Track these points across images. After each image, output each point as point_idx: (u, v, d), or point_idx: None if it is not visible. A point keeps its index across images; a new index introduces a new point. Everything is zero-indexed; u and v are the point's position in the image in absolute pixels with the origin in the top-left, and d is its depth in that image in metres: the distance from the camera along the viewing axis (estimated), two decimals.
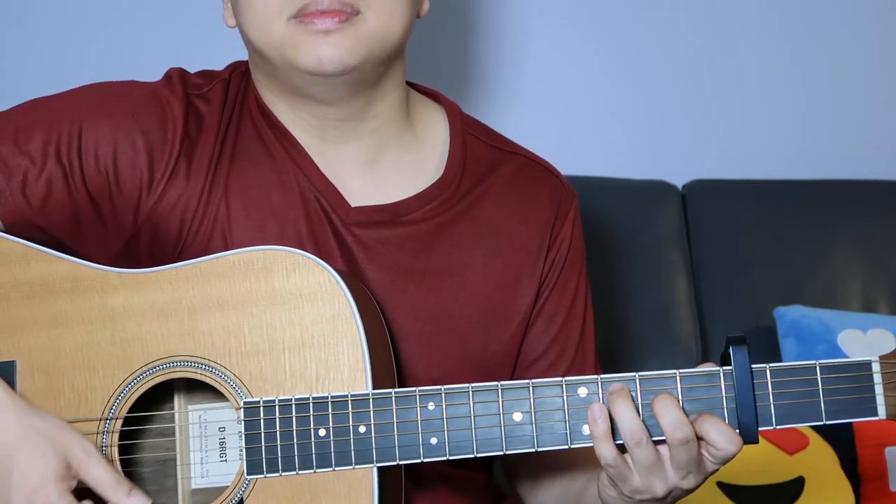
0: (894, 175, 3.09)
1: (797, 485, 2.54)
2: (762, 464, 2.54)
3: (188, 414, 1.82)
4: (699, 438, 1.63)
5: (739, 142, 3.11)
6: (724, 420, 1.63)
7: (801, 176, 3.04)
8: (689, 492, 1.69)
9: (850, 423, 2.55)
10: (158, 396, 1.81)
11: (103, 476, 1.64)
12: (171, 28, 2.91)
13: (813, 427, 2.61)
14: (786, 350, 2.71)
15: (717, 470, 1.67)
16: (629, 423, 1.62)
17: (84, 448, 1.65)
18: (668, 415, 1.61)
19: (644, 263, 2.86)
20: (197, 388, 1.80)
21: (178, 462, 1.81)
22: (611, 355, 2.72)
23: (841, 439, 2.60)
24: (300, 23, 1.80)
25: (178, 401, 1.83)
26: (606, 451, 1.63)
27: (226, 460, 1.80)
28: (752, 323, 2.79)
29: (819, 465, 2.57)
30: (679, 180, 2.99)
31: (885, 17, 3.14)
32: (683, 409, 1.62)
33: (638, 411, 1.63)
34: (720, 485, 2.51)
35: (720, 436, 1.62)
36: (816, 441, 2.60)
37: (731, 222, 2.93)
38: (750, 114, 3.11)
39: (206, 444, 1.81)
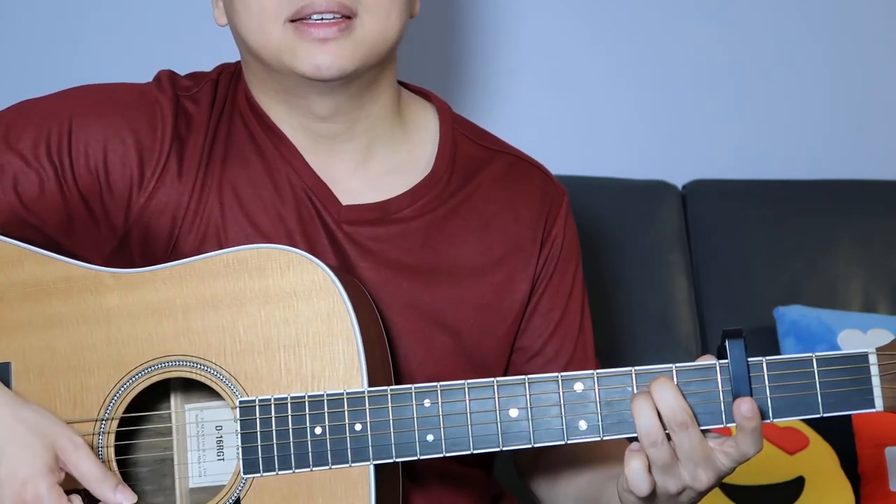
0: (894, 175, 3.08)
1: (797, 485, 2.53)
2: (762, 464, 2.52)
3: (185, 413, 1.81)
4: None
5: (739, 142, 3.10)
6: (721, 413, 1.63)
7: (801, 176, 3.03)
8: (702, 494, 1.68)
9: (849, 423, 2.58)
10: (155, 396, 1.80)
11: (90, 470, 1.63)
12: (163, 30, 2.91)
13: (812, 425, 2.61)
14: (786, 350, 2.71)
15: (731, 470, 1.66)
16: (646, 422, 1.61)
17: (72, 440, 1.64)
18: (666, 399, 1.61)
19: (644, 263, 2.85)
20: (193, 388, 1.80)
21: (176, 461, 1.80)
22: (611, 355, 2.71)
23: (841, 439, 2.59)
24: (297, 28, 1.81)
25: (175, 400, 1.82)
26: (642, 484, 1.63)
27: (223, 459, 1.80)
28: (752, 323, 2.78)
29: (819, 465, 2.56)
30: (679, 180, 2.98)
31: (886, 15, 3.13)
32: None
33: (658, 412, 1.62)
34: (720, 485, 2.50)
35: (757, 440, 1.62)
36: (816, 441, 2.59)
37: (731, 222, 2.92)
38: (750, 114, 3.11)
39: (204, 443, 1.80)
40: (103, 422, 1.74)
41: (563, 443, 1.65)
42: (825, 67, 3.12)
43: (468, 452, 1.66)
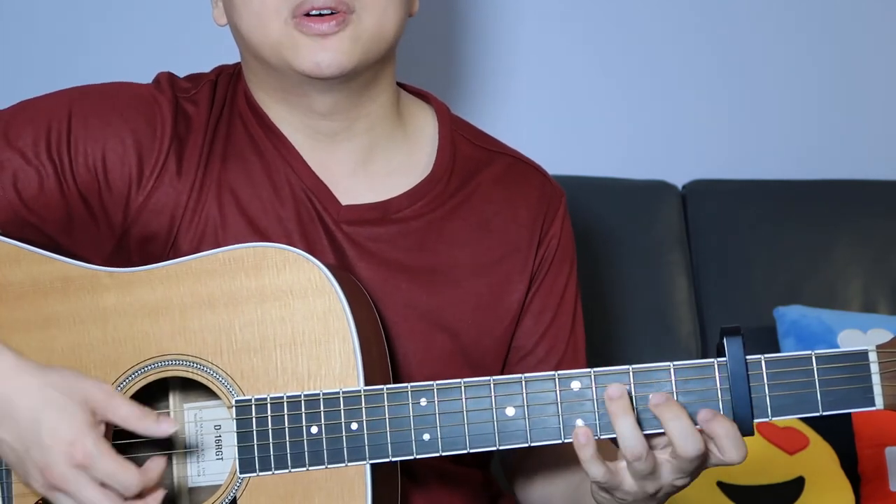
0: (894, 175, 3.07)
1: (797, 485, 2.53)
2: (762, 464, 2.53)
3: (184, 413, 1.81)
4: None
5: (739, 142, 3.10)
6: (720, 412, 1.62)
7: (801, 176, 3.03)
8: (680, 489, 1.68)
9: (849, 423, 2.57)
10: (153, 395, 1.80)
11: (130, 411, 1.62)
12: (162, 31, 2.91)
13: (812, 425, 2.61)
14: (786, 350, 2.70)
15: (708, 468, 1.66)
16: (630, 438, 1.60)
17: (104, 390, 1.63)
18: (680, 428, 1.59)
19: (644, 263, 2.86)
20: (192, 387, 1.79)
21: (175, 461, 1.80)
22: (610, 355, 2.71)
23: (841, 439, 2.59)
24: (297, 25, 1.81)
25: (174, 399, 1.82)
26: (596, 470, 1.62)
27: (222, 458, 1.79)
28: (752, 323, 2.77)
29: (819, 465, 2.56)
30: (679, 180, 2.98)
31: (885, 16, 3.13)
32: (678, 401, 1.61)
33: (638, 419, 1.61)
34: (720, 485, 2.50)
35: (732, 446, 1.60)
36: (816, 441, 2.59)
37: (731, 222, 2.92)
38: (750, 114, 3.11)
39: (203, 442, 1.80)
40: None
41: (559, 441, 1.65)
42: (825, 67, 3.12)
43: (465, 451, 1.66)
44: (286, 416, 1.68)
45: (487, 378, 1.66)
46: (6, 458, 1.65)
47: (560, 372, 1.65)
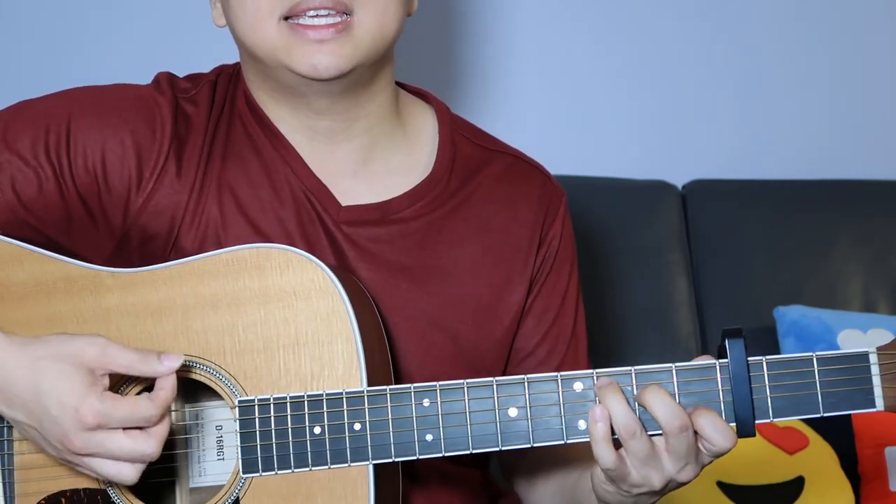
0: (894, 175, 3.08)
1: (797, 485, 2.53)
2: (762, 464, 2.53)
3: (185, 413, 1.81)
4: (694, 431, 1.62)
5: (739, 142, 3.11)
6: (721, 413, 1.62)
7: (801, 176, 3.04)
8: (684, 484, 1.68)
9: (849, 423, 2.58)
10: None
11: (128, 358, 1.63)
12: (162, 31, 2.91)
13: (812, 425, 2.61)
14: (786, 350, 2.71)
15: (710, 462, 1.66)
16: (622, 415, 1.61)
17: (97, 344, 1.64)
18: (661, 404, 1.60)
19: (644, 263, 2.86)
20: (194, 387, 1.79)
21: (176, 461, 1.80)
22: (610, 355, 2.72)
23: (841, 439, 2.60)
24: (293, 28, 1.81)
25: (176, 400, 1.81)
26: (605, 454, 1.62)
27: (223, 459, 1.79)
28: (752, 323, 2.78)
29: (819, 465, 2.56)
30: (679, 180, 2.99)
31: (886, 16, 3.13)
32: (680, 403, 1.61)
33: (630, 403, 1.62)
34: (720, 485, 2.50)
35: (715, 432, 1.60)
36: (816, 441, 2.59)
37: (731, 222, 2.93)
38: (750, 114, 3.11)
39: (204, 442, 1.80)
40: None
41: (562, 442, 1.65)
42: (825, 67, 3.12)
43: (467, 452, 1.66)
44: (289, 417, 1.68)
45: (490, 379, 1.66)
46: (31, 439, 1.66)
47: (563, 373, 1.65)
